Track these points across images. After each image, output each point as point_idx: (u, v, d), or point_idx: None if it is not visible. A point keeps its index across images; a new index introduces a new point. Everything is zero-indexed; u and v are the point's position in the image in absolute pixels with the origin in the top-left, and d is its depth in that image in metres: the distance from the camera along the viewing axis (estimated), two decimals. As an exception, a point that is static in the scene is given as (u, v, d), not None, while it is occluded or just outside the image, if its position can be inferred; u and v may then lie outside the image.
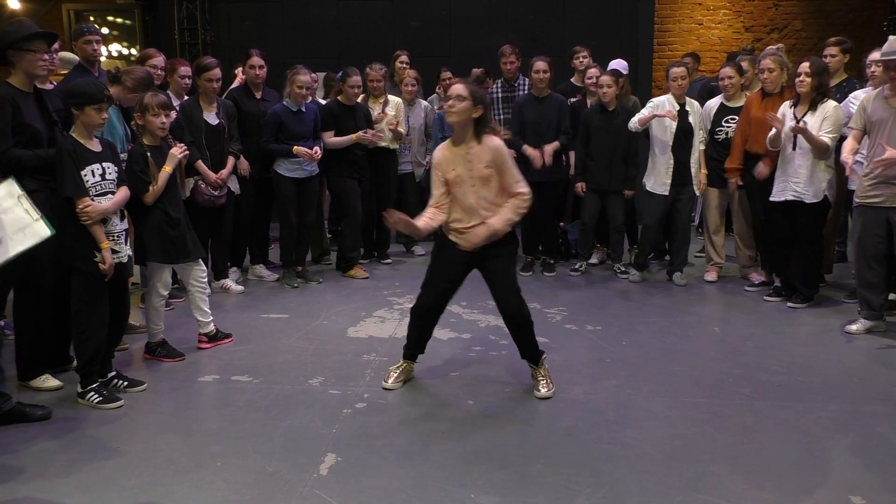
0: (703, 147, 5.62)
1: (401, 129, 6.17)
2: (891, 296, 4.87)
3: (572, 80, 6.71)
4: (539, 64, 5.82)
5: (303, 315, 4.99)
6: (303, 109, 5.57)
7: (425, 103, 6.73)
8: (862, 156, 4.62)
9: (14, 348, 3.77)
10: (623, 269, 6.01)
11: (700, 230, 7.30)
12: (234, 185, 5.43)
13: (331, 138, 5.80)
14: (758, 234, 5.53)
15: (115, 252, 3.52)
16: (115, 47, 9.59)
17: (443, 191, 3.65)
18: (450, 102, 3.51)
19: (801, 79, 4.84)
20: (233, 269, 5.75)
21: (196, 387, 3.83)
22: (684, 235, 5.78)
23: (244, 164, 5.50)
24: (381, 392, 3.70)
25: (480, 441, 3.17)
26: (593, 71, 6.12)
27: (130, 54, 9.53)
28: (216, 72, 5.20)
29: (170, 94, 5.03)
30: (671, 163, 5.60)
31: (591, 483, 2.82)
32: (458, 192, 3.61)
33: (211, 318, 4.34)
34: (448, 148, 3.65)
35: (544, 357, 3.78)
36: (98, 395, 3.53)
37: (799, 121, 4.87)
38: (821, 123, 4.80)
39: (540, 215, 6.08)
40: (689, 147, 5.60)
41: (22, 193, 3.08)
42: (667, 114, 5.40)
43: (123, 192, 3.62)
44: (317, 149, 5.55)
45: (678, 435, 3.23)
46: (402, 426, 3.32)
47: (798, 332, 4.65)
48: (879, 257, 4.49)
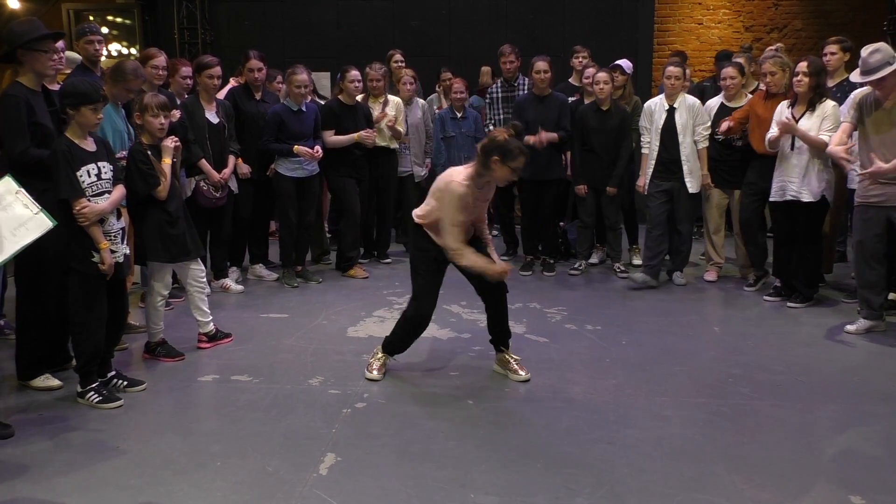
0: (706, 145, 5.60)
1: (399, 128, 6.17)
2: (891, 296, 4.87)
3: (570, 81, 6.71)
4: (540, 64, 5.83)
5: (302, 315, 4.99)
6: (303, 109, 5.58)
7: (422, 102, 6.74)
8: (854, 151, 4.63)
9: (13, 347, 3.78)
10: (623, 269, 6.01)
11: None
12: (234, 185, 5.43)
13: (331, 137, 5.80)
14: (744, 231, 5.53)
15: (113, 252, 3.51)
16: (115, 47, 9.59)
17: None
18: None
19: (799, 78, 4.84)
20: (233, 269, 5.75)
21: (196, 386, 3.83)
22: (685, 235, 5.77)
23: (244, 168, 5.50)
24: (381, 392, 3.70)
25: (480, 441, 3.17)
26: (591, 70, 6.12)
27: (130, 54, 9.52)
28: (217, 69, 5.20)
29: (171, 94, 5.03)
30: (653, 163, 5.64)
31: (591, 483, 2.82)
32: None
33: (210, 318, 4.34)
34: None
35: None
36: (98, 395, 3.53)
37: (797, 120, 4.87)
38: (820, 123, 4.80)
39: (539, 215, 6.09)
40: (673, 146, 5.58)
41: (20, 189, 3.08)
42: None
43: (120, 191, 3.62)
44: (317, 148, 5.55)
45: (678, 435, 3.23)
46: (402, 426, 3.32)
47: (798, 332, 4.65)
48: (879, 257, 4.49)
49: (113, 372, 3.74)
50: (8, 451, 3.08)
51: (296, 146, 5.43)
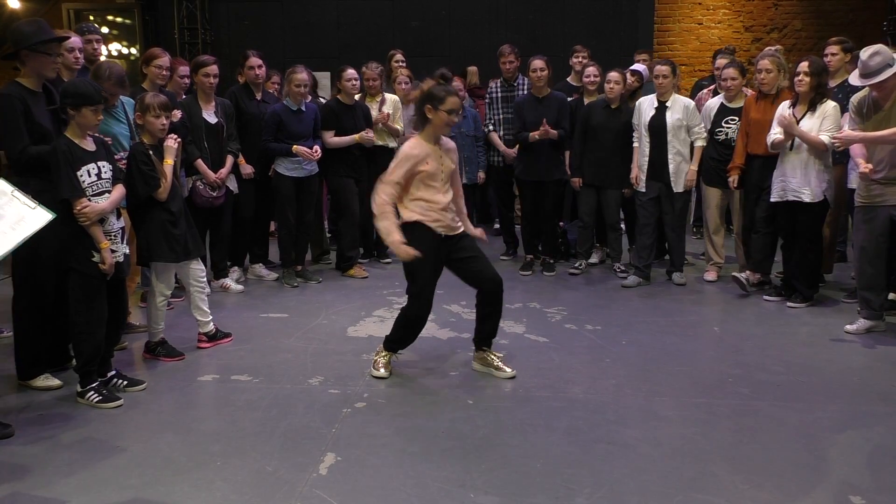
0: (703, 144, 5.60)
1: (397, 126, 6.18)
2: (891, 296, 4.87)
3: (569, 80, 6.71)
4: (536, 63, 5.81)
5: (302, 314, 4.99)
6: (302, 109, 5.58)
7: None
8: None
9: (11, 347, 3.78)
10: (623, 269, 6.01)
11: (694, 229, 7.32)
12: (233, 185, 5.43)
13: (332, 138, 5.80)
14: (747, 234, 5.53)
15: (113, 251, 3.51)
16: (115, 47, 9.60)
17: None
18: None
19: (800, 78, 4.84)
20: (233, 269, 5.75)
21: (196, 386, 3.83)
22: (677, 234, 5.77)
23: (248, 168, 5.50)
24: (381, 392, 3.70)
25: (480, 441, 3.17)
26: (591, 70, 6.12)
27: (130, 54, 9.54)
28: (213, 68, 5.20)
29: (172, 94, 5.03)
30: (645, 160, 5.65)
31: (591, 483, 2.82)
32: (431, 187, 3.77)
33: (210, 318, 4.34)
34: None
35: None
36: (97, 395, 3.53)
37: (798, 121, 4.88)
38: (820, 123, 4.81)
39: (539, 215, 6.09)
40: (659, 143, 5.57)
41: (14, 188, 3.07)
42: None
43: (119, 191, 3.62)
44: (316, 148, 5.55)
45: (678, 435, 3.23)
46: (402, 426, 3.32)
47: (798, 332, 4.65)
48: (880, 256, 4.49)
49: (113, 371, 3.74)
50: (8, 451, 3.08)
51: (294, 146, 5.43)
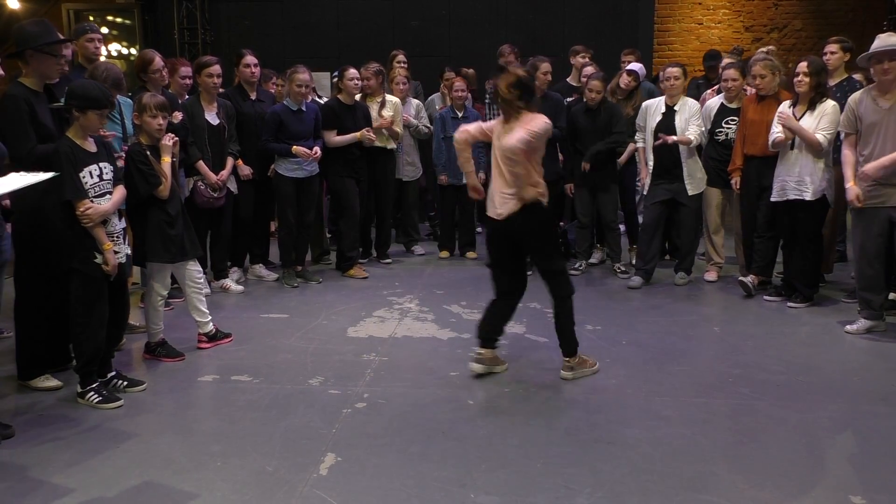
0: (692, 139, 5.59)
1: (397, 129, 6.18)
2: (891, 295, 4.87)
3: (568, 80, 6.70)
4: (544, 66, 5.83)
5: (302, 315, 4.99)
6: (303, 109, 5.57)
7: (416, 102, 6.73)
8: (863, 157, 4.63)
9: (12, 347, 3.78)
10: (623, 269, 6.00)
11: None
12: (233, 186, 5.43)
13: (333, 138, 5.80)
14: (747, 236, 5.53)
15: (116, 252, 3.52)
16: (115, 47, 9.59)
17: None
18: None
19: (800, 78, 4.84)
20: (233, 269, 5.75)
21: (196, 387, 3.83)
22: (689, 236, 5.77)
23: (246, 169, 5.49)
24: (381, 392, 3.70)
25: (480, 441, 3.17)
26: (589, 69, 6.12)
27: (130, 54, 9.53)
28: (216, 68, 5.20)
29: (172, 95, 5.03)
30: (651, 162, 5.65)
31: (591, 483, 2.82)
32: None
33: (209, 318, 4.34)
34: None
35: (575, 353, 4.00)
36: (98, 395, 3.53)
37: (798, 120, 4.87)
38: (818, 121, 4.81)
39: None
40: (674, 148, 5.56)
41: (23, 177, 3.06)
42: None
43: (121, 192, 3.62)
44: (316, 149, 5.55)
45: (678, 435, 3.23)
46: (402, 426, 3.32)
47: (798, 332, 4.65)
48: (880, 257, 4.49)
49: (113, 372, 3.74)
50: (8, 451, 3.08)
51: (294, 147, 5.43)
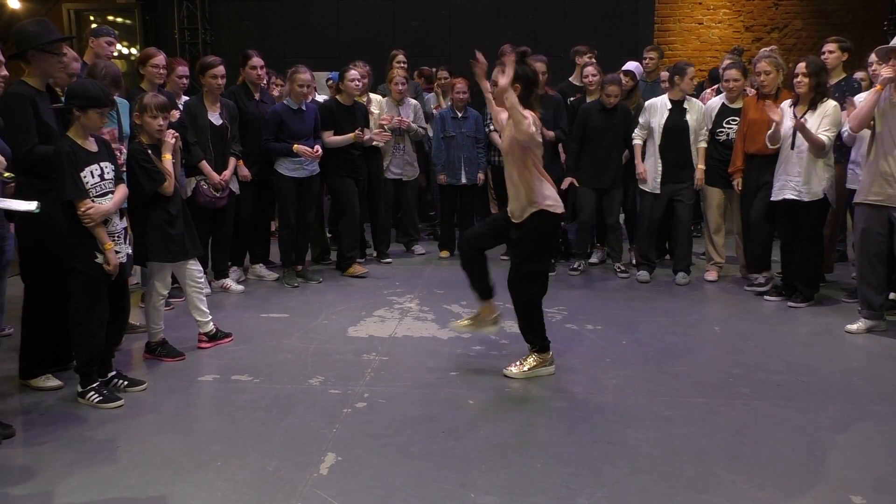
0: (705, 145, 5.62)
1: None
2: (891, 295, 4.87)
3: (571, 80, 6.70)
4: (539, 66, 5.79)
5: (303, 314, 4.99)
6: (303, 108, 5.57)
7: (415, 102, 6.73)
8: (862, 155, 4.63)
9: (13, 347, 3.78)
10: (623, 269, 6.01)
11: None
12: (235, 186, 5.43)
13: (330, 137, 5.80)
14: (746, 235, 5.54)
15: (117, 252, 3.51)
16: (115, 47, 9.59)
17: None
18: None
19: (799, 80, 4.85)
20: (233, 269, 5.75)
21: (196, 386, 3.83)
22: (684, 235, 5.78)
23: (244, 171, 5.49)
24: (382, 392, 3.70)
25: (480, 441, 3.17)
26: (590, 69, 6.12)
27: (130, 54, 9.54)
28: (220, 69, 5.20)
29: (170, 94, 5.03)
30: (659, 161, 5.65)
31: (591, 483, 2.82)
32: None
33: (210, 318, 4.34)
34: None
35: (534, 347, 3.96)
36: (98, 395, 3.53)
37: (799, 120, 4.87)
38: (820, 122, 4.81)
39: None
40: (681, 145, 5.60)
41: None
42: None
43: (122, 191, 3.62)
44: (317, 147, 5.55)
45: (678, 434, 3.23)
46: (402, 426, 3.32)
47: (798, 332, 4.65)
48: (881, 257, 4.49)
49: (113, 372, 3.74)
50: (8, 451, 3.08)
51: (295, 145, 5.43)
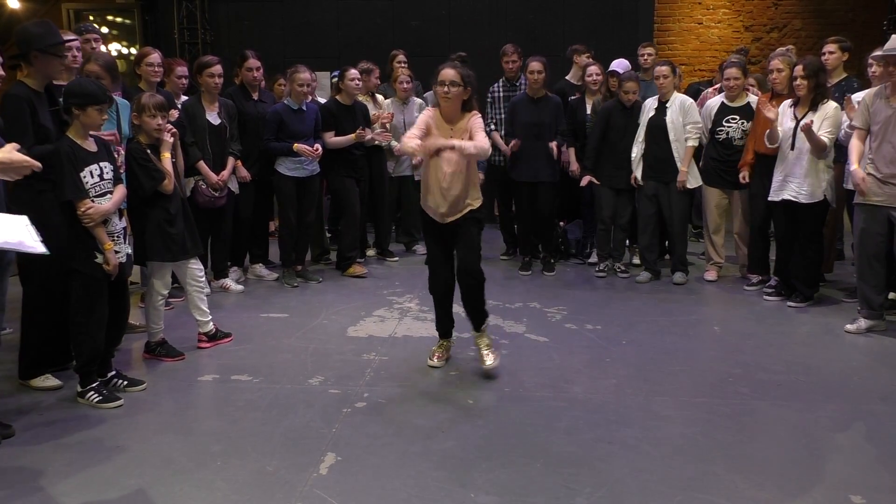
0: (695, 144, 5.61)
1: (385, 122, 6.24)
2: (891, 295, 4.87)
3: (568, 79, 6.69)
4: (534, 65, 5.79)
5: (303, 314, 4.99)
6: (303, 108, 5.57)
7: (419, 101, 6.73)
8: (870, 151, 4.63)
9: (13, 347, 3.78)
10: (623, 269, 6.01)
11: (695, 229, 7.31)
12: (234, 186, 5.43)
13: (331, 138, 5.80)
14: (754, 235, 5.53)
15: (116, 252, 3.52)
16: (115, 47, 9.59)
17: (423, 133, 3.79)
18: (444, 88, 3.71)
19: (798, 82, 4.86)
20: (233, 269, 5.75)
21: (196, 386, 3.83)
22: (676, 234, 5.77)
23: (243, 172, 5.49)
24: (382, 391, 3.70)
25: (480, 441, 3.17)
26: (594, 68, 6.12)
27: (130, 54, 9.53)
28: (217, 68, 5.20)
29: (169, 94, 5.03)
30: (640, 155, 5.68)
31: (591, 483, 2.83)
32: (432, 169, 3.80)
33: (210, 318, 4.34)
34: (438, 117, 3.84)
35: (488, 321, 4.04)
36: (98, 395, 3.53)
37: (800, 120, 4.88)
38: (821, 123, 4.81)
39: (536, 215, 6.08)
40: (660, 144, 5.59)
41: (28, 223, 3.00)
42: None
43: (121, 191, 3.62)
44: (317, 146, 5.55)
45: (678, 434, 3.23)
46: (402, 426, 3.32)
47: (798, 332, 4.65)
48: (880, 256, 4.49)
49: (113, 372, 3.74)
50: (8, 451, 3.08)
51: (296, 144, 5.43)
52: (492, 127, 6.39)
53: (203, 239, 4.90)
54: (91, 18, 9.31)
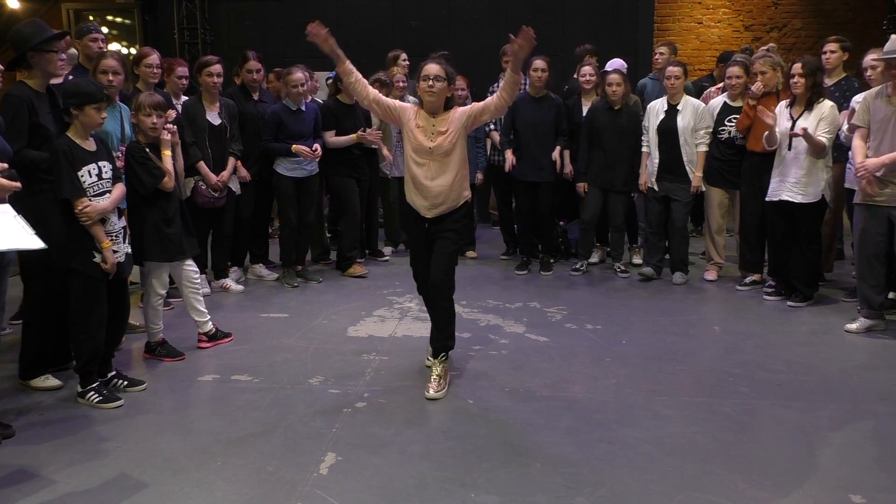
0: (706, 149, 5.59)
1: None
2: (890, 295, 4.87)
3: (576, 77, 6.68)
4: (538, 63, 5.77)
5: (303, 314, 4.99)
6: (302, 108, 5.57)
7: (413, 99, 6.71)
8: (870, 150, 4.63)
9: (13, 347, 3.77)
10: (623, 269, 6.01)
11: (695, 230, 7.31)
12: (235, 186, 5.43)
13: (332, 138, 5.80)
14: (746, 234, 5.53)
15: (115, 251, 3.52)
16: (115, 47, 9.59)
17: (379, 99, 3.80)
18: (429, 83, 3.67)
19: (795, 80, 4.85)
20: (233, 269, 5.75)
21: (196, 386, 3.83)
22: (678, 235, 5.77)
23: (242, 172, 5.48)
24: (381, 392, 3.70)
25: (480, 441, 3.17)
26: (587, 69, 6.11)
27: (130, 54, 9.53)
28: (216, 67, 5.20)
29: (167, 94, 5.03)
30: (656, 161, 5.66)
31: (591, 483, 2.82)
32: (414, 164, 3.73)
33: (208, 318, 4.33)
34: (420, 113, 3.77)
35: (449, 354, 3.83)
36: (98, 395, 3.53)
37: (795, 121, 4.88)
38: (817, 123, 4.80)
39: (534, 215, 6.08)
40: (671, 148, 5.59)
41: (16, 214, 3.00)
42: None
43: (120, 190, 3.62)
44: (316, 147, 5.54)
45: (678, 434, 3.23)
46: (402, 426, 3.32)
47: (798, 331, 4.65)
48: (880, 256, 4.49)
49: (113, 372, 3.74)
50: (8, 451, 3.08)
51: (294, 145, 5.43)
52: (491, 126, 6.40)
53: (203, 239, 4.91)
54: (91, 18, 9.31)
